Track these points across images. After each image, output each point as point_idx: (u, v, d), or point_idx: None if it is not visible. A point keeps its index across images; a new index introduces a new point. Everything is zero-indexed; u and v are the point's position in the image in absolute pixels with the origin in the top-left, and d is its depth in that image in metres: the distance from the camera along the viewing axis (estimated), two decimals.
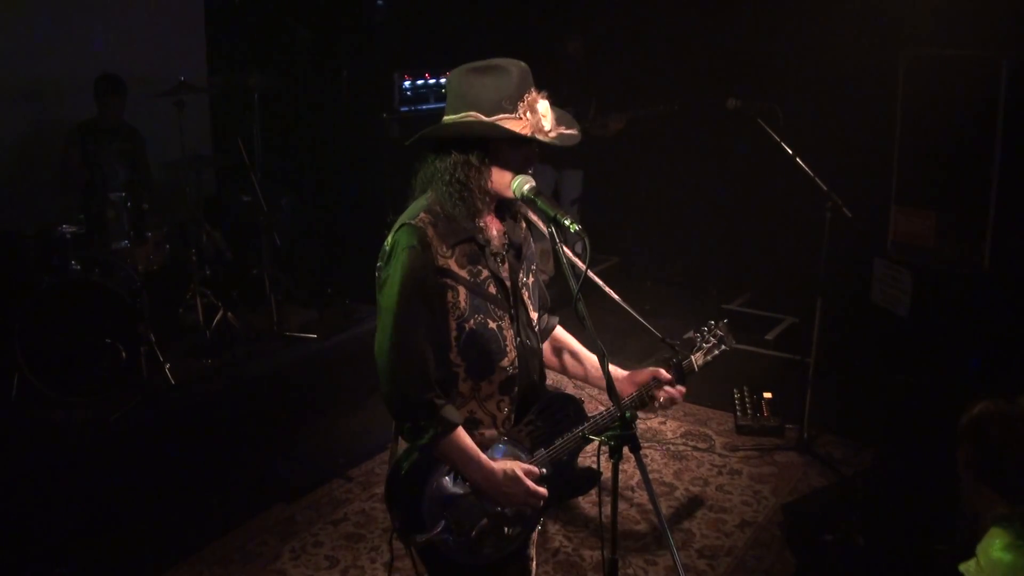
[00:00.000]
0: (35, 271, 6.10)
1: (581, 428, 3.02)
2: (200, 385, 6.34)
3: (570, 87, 8.15)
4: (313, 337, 7.09)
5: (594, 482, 3.12)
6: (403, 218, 2.81)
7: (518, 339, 2.94)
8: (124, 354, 6.04)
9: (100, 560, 4.76)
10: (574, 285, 2.64)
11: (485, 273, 2.87)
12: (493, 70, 2.84)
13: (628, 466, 4.71)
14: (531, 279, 3.08)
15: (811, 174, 5.56)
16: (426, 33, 8.91)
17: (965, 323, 6.57)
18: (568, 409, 3.06)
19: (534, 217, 3.08)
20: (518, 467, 2.86)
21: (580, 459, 3.12)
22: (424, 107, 8.19)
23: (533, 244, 3.12)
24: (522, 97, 2.81)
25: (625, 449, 2.57)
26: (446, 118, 2.82)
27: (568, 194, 8.56)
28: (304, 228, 8.10)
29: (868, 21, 7.08)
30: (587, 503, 5.24)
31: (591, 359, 3.29)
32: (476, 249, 2.85)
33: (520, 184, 2.73)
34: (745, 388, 6.46)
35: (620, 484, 4.59)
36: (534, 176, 2.87)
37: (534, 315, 3.07)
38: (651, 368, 3.22)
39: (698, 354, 3.35)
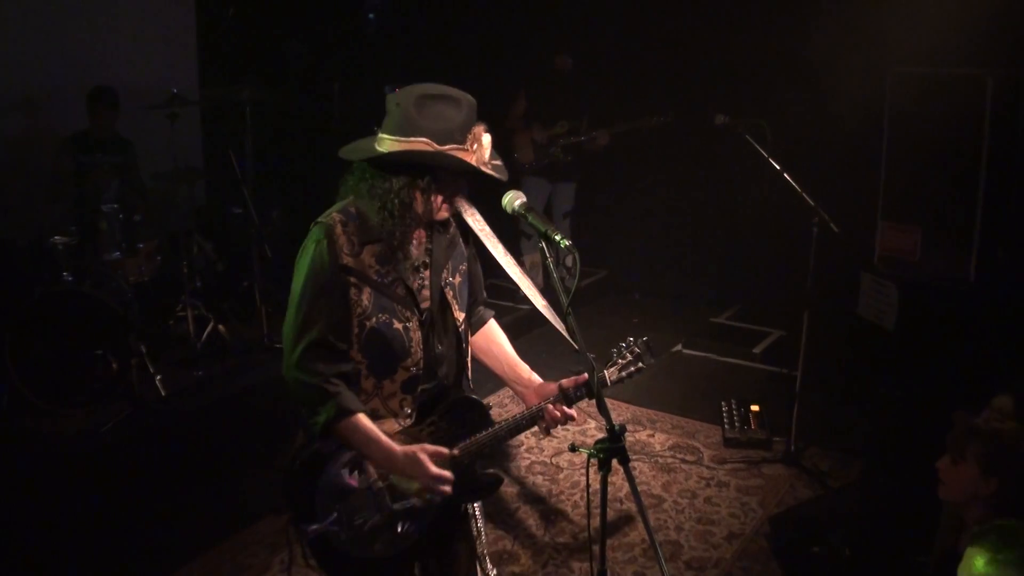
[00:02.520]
0: (27, 282, 6.11)
1: (487, 433, 3.07)
2: (190, 396, 6.35)
3: (561, 103, 8.21)
4: None
5: (495, 487, 3.18)
6: (317, 219, 2.94)
7: (428, 342, 3.00)
8: (115, 365, 6.06)
9: (90, 572, 4.77)
10: (564, 300, 2.68)
11: (393, 274, 2.94)
12: (447, 99, 2.88)
13: (616, 478, 4.75)
14: (457, 279, 3.14)
15: (798, 189, 5.60)
16: (417, 47, 8.96)
17: (951, 337, 6.62)
18: (473, 413, 3.10)
19: (469, 218, 3.15)
20: (419, 449, 2.91)
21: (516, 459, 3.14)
22: None
23: (463, 245, 3.17)
24: (471, 129, 2.87)
25: (614, 461, 2.62)
26: (391, 139, 2.85)
27: (561, 207, 8.60)
28: (295, 240, 8.08)
29: (855, 38, 7.15)
30: (577, 515, 5.28)
31: (510, 360, 3.36)
32: (387, 251, 2.93)
33: (511, 200, 2.78)
34: (733, 401, 6.49)
35: (608, 496, 4.63)
36: (529, 189, 2.92)
37: (459, 315, 3.12)
38: (554, 384, 3.21)
39: (612, 369, 3.31)
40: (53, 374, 5.92)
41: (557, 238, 2.67)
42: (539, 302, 3.46)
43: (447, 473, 2.92)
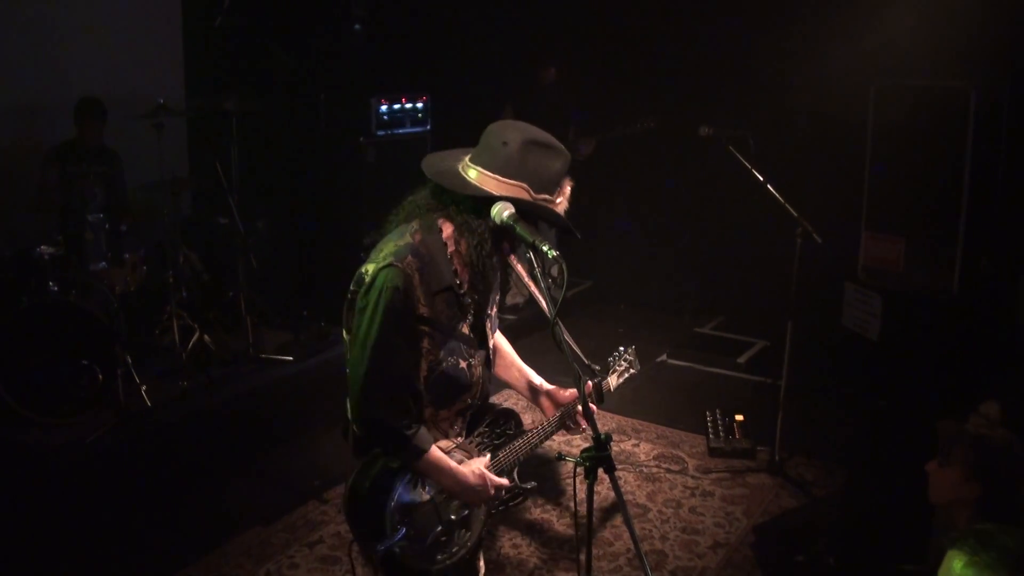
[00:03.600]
0: (12, 292, 6.09)
1: (524, 439, 3.20)
2: (176, 407, 6.34)
3: (545, 114, 8.23)
4: (289, 359, 7.12)
5: (530, 494, 3.27)
6: (388, 253, 2.82)
7: (480, 372, 3.05)
8: (101, 376, 6.04)
9: None
10: (551, 310, 2.71)
11: (459, 316, 2.97)
12: (553, 150, 2.89)
13: (602, 487, 4.76)
14: (493, 310, 3.19)
15: (781, 200, 5.64)
16: (403, 58, 8.97)
17: (935, 347, 6.67)
18: (511, 422, 3.24)
19: (512, 259, 3.15)
20: (481, 463, 3.02)
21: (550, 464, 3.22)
22: (400, 131, 8.25)
23: (498, 277, 3.19)
24: (562, 183, 2.89)
25: (600, 471, 2.64)
26: (489, 175, 2.81)
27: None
28: (280, 251, 8.12)
29: (839, 51, 7.19)
30: (561, 525, 5.29)
31: (523, 371, 3.44)
32: (453, 296, 2.93)
33: (500, 210, 2.77)
34: (717, 411, 6.52)
35: (594, 505, 4.65)
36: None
37: (491, 342, 3.18)
38: (573, 390, 3.31)
39: (613, 376, 3.54)
40: (38, 384, 5.90)
41: (545, 248, 2.68)
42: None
43: (504, 480, 3.07)
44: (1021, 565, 2.53)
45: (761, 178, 5.71)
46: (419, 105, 8.48)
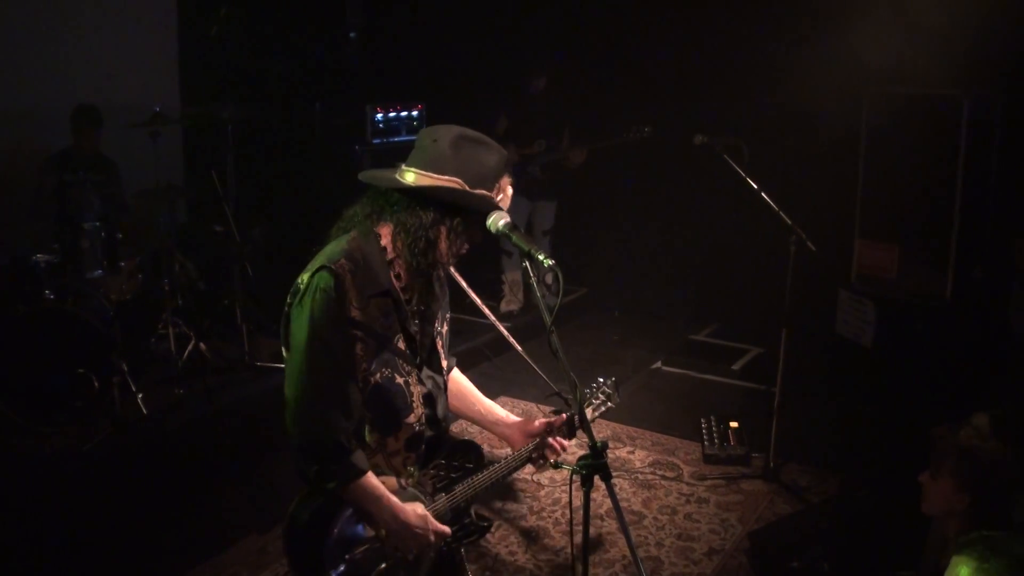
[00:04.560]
0: (8, 300, 6.09)
1: (486, 474, 3.10)
2: (172, 415, 6.34)
3: (538, 123, 8.27)
4: (284, 367, 7.11)
5: (485, 531, 3.18)
6: (321, 259, 2.81)
7: (424, 392, 2.98)
8: (97, 384, 6.04)
9: None
10: (547, 319, 2.70)
11: (396, 328, 2.89)
12: (486, 145, 2.87)
13: (597, 495, 4.78)
14: (445, 328, 3.13)
15: (776, 208, 5.66)
16: (398, 67, 9.01)
17: (928, 353, 6.70)
18: (470, 455, 3.12)
19: (452, 270, 3.13)
20: (424, 508, 2.91)
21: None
22: (396, 139, 8.28)
23: (447, 293, 3.16)
24: (499, 179, 2.88)
25: (596, 478, 2.65)
26: (419, 173, 2.82)
27: (541, 225, 8.65)
28: (276, 259, 8.13)
29: (833, 59, 7.22)
30: (558, 532, 5.30)
31: (485, 404, 3.37)
32: (390, 303, 2.87)
33: (496, 220, 2.76)
34: (712, 418, 6.54)
35: (590, 513, 4.66)
36: (510, 208, 2.93)
37: (444, 363, 3.13)
38: (544, 420, 3.25)
39: (588, 409, 3.40)
40: (34, 392, 5.90)
41: (540, 257, 2.67)
42: (513, 342, 3.45)
43: (446, 528, 2.95)
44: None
45: (755, 186, 5.73)
46: (414, 113, 8.52)
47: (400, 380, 2.91)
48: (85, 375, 6.02)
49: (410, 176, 2.82)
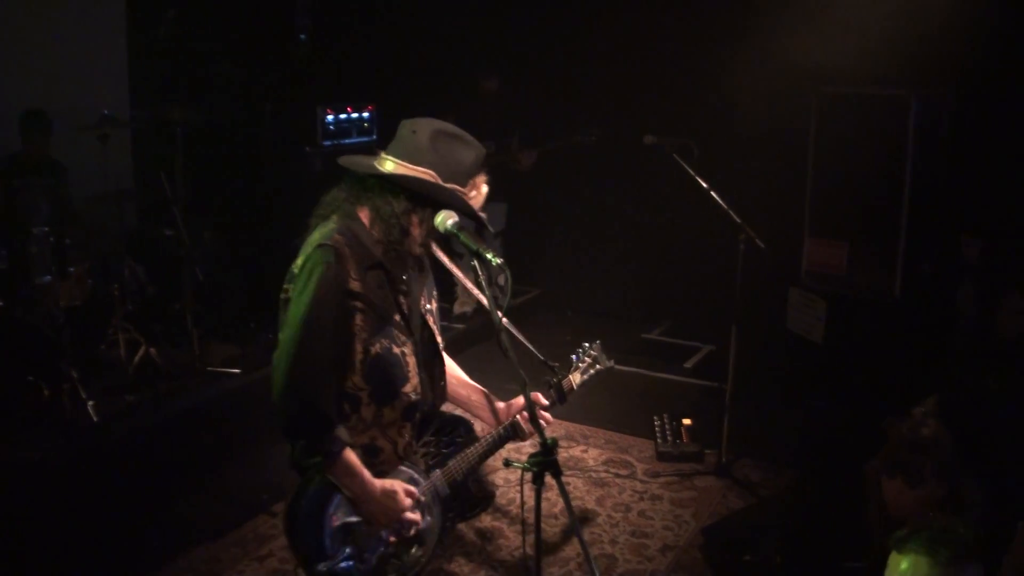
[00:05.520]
0: None
1: (476, 447, 3.16)
2: (123, 422, 6.26)
3: (488, 124, 8.26)
4: (236, 372, 7.06)
5: (489, 502, 3.25)
6: (315, 239, 2.87)
7: (423, 366, 3.02)
8: (46, 391, 5.97)
9: None
10: (496, 317, 2.72)
11: (391, 300, 2.95)
12: (462, 141, 2.96)
13: (551, 493, 4.78)
14: (433, 304, 3.19)
15: (725, 207, 5.71)
16: (348, 68, 8.97)
17: (878, 349, 6.78)
18: (460, 430, 3.20)
19: (437, 251, 3.19)
20: (398, 485, 2.93)
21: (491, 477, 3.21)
22: (347, 141, 8.24)
23: (431, 275, 3.22)
24: (474, 176, 2.93)
25: (547, 476, 2.66)
26: (396, 162, 2.87)
27: (492, 226, 8.62)
28: (226, 262, 8.07)
29: (781, 59, 7.29)
30: (513, 531, 5.31)
31: (474, 387, 3.45)
32: (383, 275, 2.93)
33: (444, 219, 2.81)
34: (665, 415, 6.57)
35: (543, 511, 4.66)
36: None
37: (440, 339, 3.17)
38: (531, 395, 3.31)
39: (575, 374, 3.53)
40: None
41: (489, 256, 2.71)
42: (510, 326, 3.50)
43: (415, 516, 2.95)
44: (956, 554, 2.61)
45: (705, 185, 5.78)
46: (365, 115, 8.49)
47: (397, 350, 2.97)
48: (34, 383, 5.95)
49: (389, 165, 2.93)
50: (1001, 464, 4.87)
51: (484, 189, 3.00)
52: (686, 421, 6.47)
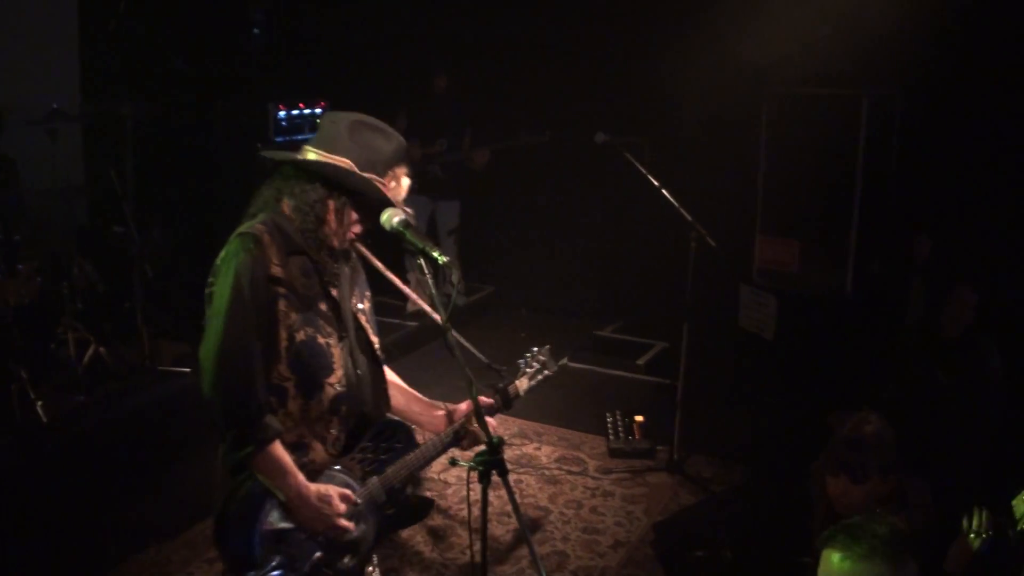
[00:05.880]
0: None
1: (416, 454, 3.09)
2: (72, 423, 6.18)
3: (440, 122, 8.26)
4: (187, 371, 6.98)
5: (427, 511, 3.20)
6: (237, 231, 2.86)
7: (349, 360, 2.99)
8: None
9: None
10: (442, 315, 2.72)
11: (316, 288, 2.93)
12: (381, 132, 2.94)
13: (504, 491, 4.79)
14: (366, 304, 3.16)
15: (676, 205, 5.74)
16: (301, 64, 8.93)
17: (829, 345, 6.85)
18: (399, 436, 3.11)
19: (364, 250, 3.17)
20: (333, 490, 2.89)
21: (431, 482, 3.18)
22: (299, 137, 8.18)
23: (363, 275, 3.20)
24: (393, 167, 2.92)
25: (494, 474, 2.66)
26: (314, 151, 2.90)
27: (445, 225, 8.63)
28: (177, 259, 7.99)
29: (734, 58, 7.34)
30: (464, 530, 5.30)
31: (414, 394, 3.39)
32: (309, 263, 2.91)
33: (389, 216, 2.80)
34: (617, 412, 6.60)
35: (496, 510, 4.69)
36: (411, 206, 2.96)
37: (375, 339, 3.14)
38: (468, 402, 3.25)
39: (523, 379, 3.45)
40: None
41: (435, 254, 2.71)
42: (433, 314, 3.48)
43: (349, 524, 2.90)
44: (892, 549, 2.65)
45: (656, 183, 5.81)
46: (317, 111, 8.46)
47: (322, 340, 2.92)
48: None
49: (310, 155, 2.92)
50: (949, 458, 4.95)
51: (405, 182, 2.98)
52: (638, 418, 6.49)
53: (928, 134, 7.02)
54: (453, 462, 2.88)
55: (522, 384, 3.45)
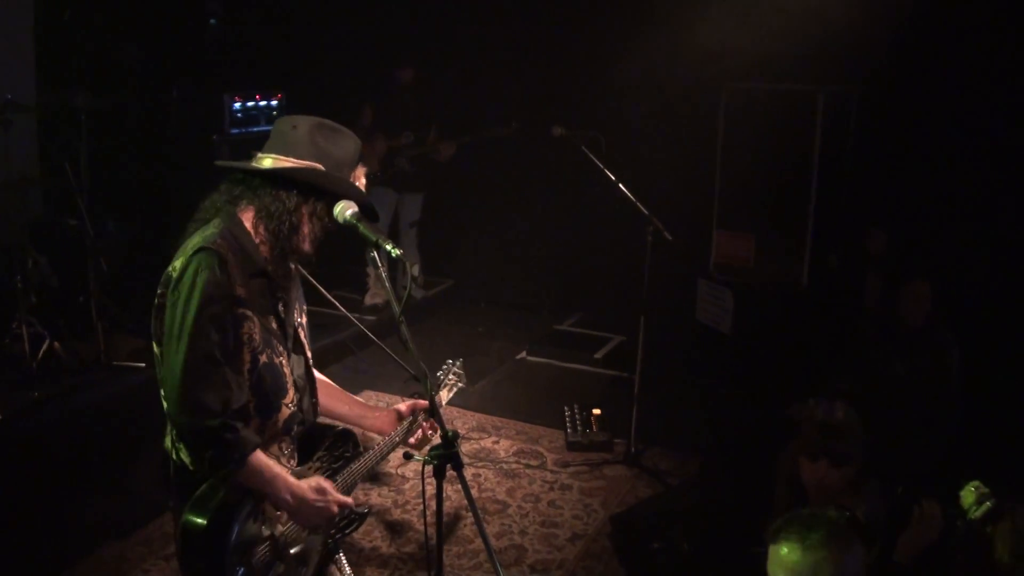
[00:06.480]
0: None
1: (363, 460, 3.12)
2: (27, 419, 6.10)
3: (406, 114, 8.23)
4: (142, 366, 6.91)
5: (364, 519, 3.20)
6: (195, 243, 2.76)
7: (293, 375, 2.97)
8: None
9: None
10: (396, 308, 2.71)
11: (269, 308, 2.89)
12: (343, 134, 2.92)
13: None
14: (304, 318, 3.13)
15: (632, 199, 5.76)
16: (258, 54, 8.86)
17: (785, 338, 6.90)
18: (348, 444, 3.15)
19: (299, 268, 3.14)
20: (323, 480, 2.91)
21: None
22: (255, 129, 8.12)
23: (300, 285, 3.16)
24: (355, 167, 2.91)
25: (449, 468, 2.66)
26: (275, 157, 2.83)
27: (407, 217, 8.59)
28: (132, 252, 7.91)
29: (691, 53, 7.37)
30: (423, 524, 5.28)
31: (350, 398, 3.39)
32: (265, 284, 2.87)
33: (343, 209, 2.78)
34: (575, 405, 6.62)
35: (454, 504, 4.70)
36: (376, 200, 2.95)
37: (309, 352, 3.12)
38: (410, 401, 3.32)
39: (444, 391, 3.49)
40: None
41: (388, 247, 2.70)
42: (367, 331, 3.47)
43: (348, 499, 2.95)
44: (842, 537, 2.68)
45: (613, 177, 5.83)
46: (274, 103, 8.40)
47: (277, 360, 2.90)
48: None
49: (267, 162, 2.84)
50: (905, 450, 5.01)
51: (363, 181, 2.99)
52: (596, 411, 6.52)
53: (883, 130, 7.10)
54: (408, 456, 2.88)
55: (443, 395, 3.49)
